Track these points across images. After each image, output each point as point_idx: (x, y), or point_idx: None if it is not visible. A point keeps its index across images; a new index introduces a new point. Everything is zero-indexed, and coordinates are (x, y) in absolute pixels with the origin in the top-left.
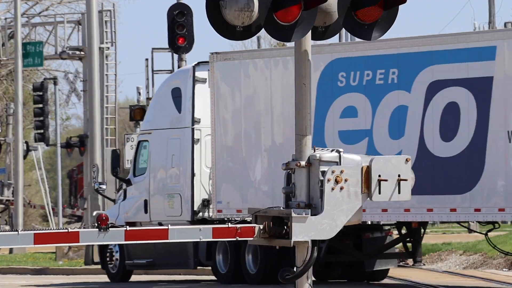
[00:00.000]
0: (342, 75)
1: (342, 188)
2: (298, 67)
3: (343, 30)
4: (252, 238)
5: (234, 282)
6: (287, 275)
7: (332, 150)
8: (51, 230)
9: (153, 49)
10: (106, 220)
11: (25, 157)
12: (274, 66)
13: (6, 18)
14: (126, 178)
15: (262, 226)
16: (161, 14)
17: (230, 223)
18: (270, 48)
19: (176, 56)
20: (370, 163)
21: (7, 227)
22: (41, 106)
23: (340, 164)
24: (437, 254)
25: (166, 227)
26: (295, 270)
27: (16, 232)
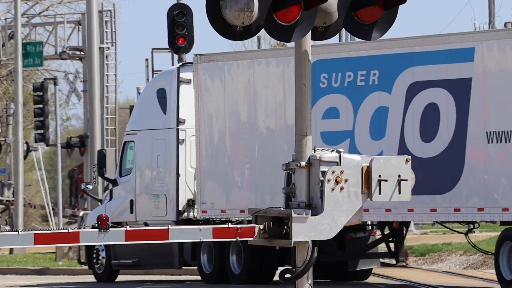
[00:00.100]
0: (324, 77)
1: (342, 188)
2: (298, 67)
3: (343, 30)
4: (252, 238)
5: (219, 282)
6: (288, 275)
7: (332, 150)
8: (51, 230)
9: (153, 49)
10: (106, 220)
11: (25, 157)
12: (258, 67)
13: (6, 18)
14: (112, 179)
15: (262, 227)
16: (161, 14)
17: (230, 223)
18: (253, 50)
19: (176, 56)
20: (370, 163)
21: (7, 227)
22: (41, 106)
23: (340, 164)
24: (437, 254)
25: (167, 227)
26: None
27: (16, 232)
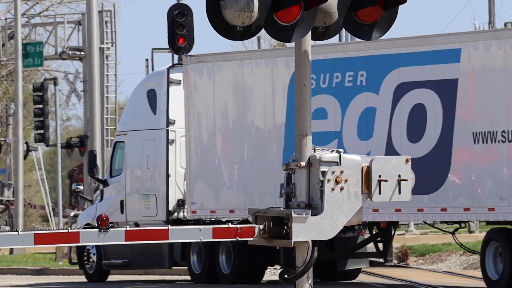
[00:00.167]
0: (312, 77)
1: (342, 188)
2: (298, 67)
3: (343, 30)
4: (252, 238)
5: (208, 282)
6: (288, 275)
7: (332, 151)
8: (51, 230)
9: (153, 49)
10: (107, 220)
11: (25, 157)
12: (247, 68)
13: (6, 19)
14: (103, 179)
15: (262, 227)
16: (161, 14)
17: (230, 224)
18: (242, 50)
19: (176, 56)
20: (370, 164)
21: (7, 228)
22: (41, 106)
23: (340, 164)
24: (437, 254)
25: (167, 227)
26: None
27: (16, 232)
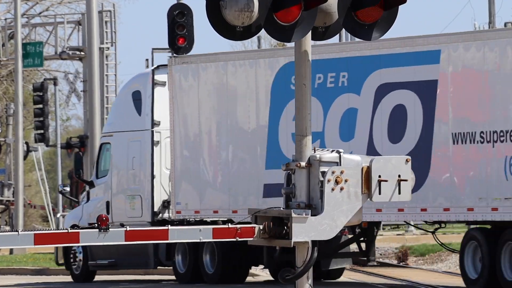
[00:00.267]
0: (295, 79)
1: (342, 188)
2: (298, 67)
3: (343, 30)
4: (252, 239)
5: (193, 281)
6: (287, 276)
7: (332, 151)
8: (51, 230)
9: (153, 49)
10: (106, 220)
11: (25, 157)
12: (231, 69)
13: (6, 19)
14: (89, 180)
15: (262, 227)
16: (161, 14)
17: (230, 224)
18: (226, 51)
19: None
20: (370, 164)
21: (7, 228)
22: (41, 106)
23: (340, 164)
24: (437, 254)
25: (166, 227)
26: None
27: (16, 232)
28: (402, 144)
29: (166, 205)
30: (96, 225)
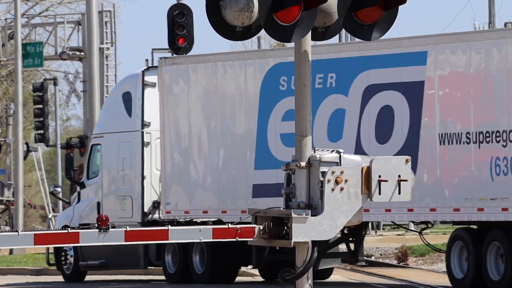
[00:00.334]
0: (284, 79)
1: (342, 188)
2: (298, 68)
3: (343, 30)
4: (252, 239)
5: (182, 281)
6: (287, 276)
7: (332, 151)
8: (51, 230)
9: (153, 49)
10: (106, 220)
11: (25, 157)
12: (220, 70)
13: (6, 19)
14: (80, 181)
15: (262, 227)
16: (161, 14)
17: (230, 224)
18: (215, 53)
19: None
20: (370, 164)
21: (7, 228)
22: (41, 106)
23: (340, 164)
24: (437, 254)
25: (167, 228)
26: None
27: (16, 232)
28: (389, 144)
29: (156, 205)
30: (96, 225)
